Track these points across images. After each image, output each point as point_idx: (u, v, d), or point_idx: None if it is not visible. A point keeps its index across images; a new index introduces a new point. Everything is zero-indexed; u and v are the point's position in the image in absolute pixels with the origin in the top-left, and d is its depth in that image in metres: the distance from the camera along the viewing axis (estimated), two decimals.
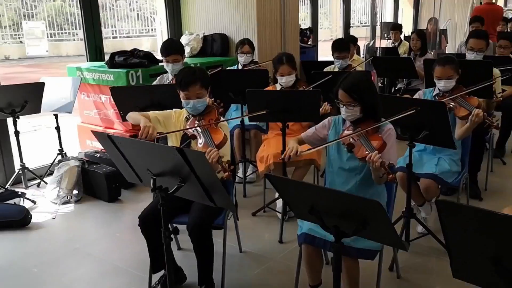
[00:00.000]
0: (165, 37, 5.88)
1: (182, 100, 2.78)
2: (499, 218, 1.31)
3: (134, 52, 4.72)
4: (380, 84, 6.64)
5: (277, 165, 3.72)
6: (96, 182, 4.30)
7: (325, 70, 4.98)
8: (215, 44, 5.65)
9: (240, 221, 3.74)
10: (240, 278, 3.07)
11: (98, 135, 2.30)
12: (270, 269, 3.16)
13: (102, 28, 5.34)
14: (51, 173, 4.55)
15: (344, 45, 4.79)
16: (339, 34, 12.53)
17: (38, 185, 4.64)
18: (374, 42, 9.72)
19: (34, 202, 4.22)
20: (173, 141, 2.89)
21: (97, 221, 4.01)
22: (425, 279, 2.98)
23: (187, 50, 5.56)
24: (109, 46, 4.63)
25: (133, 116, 2.84)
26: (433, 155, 3.47)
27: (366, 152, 2.39)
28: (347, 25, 8.98)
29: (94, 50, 5.19)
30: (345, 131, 2.61)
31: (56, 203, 4.20)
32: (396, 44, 7.83)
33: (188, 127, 2.78)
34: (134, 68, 4.54)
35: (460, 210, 1.40)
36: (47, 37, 15.21)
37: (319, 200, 1.94)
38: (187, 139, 2.80)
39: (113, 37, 16.76)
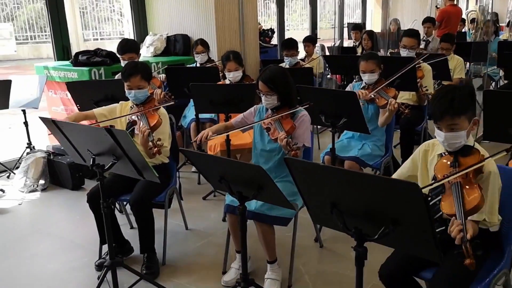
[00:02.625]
0: (132, 38, 6.24)
1: (125, 90, 3.15)
2: (331, 170, 1.71)
3: (97, 52, 5.08)
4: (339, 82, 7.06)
5: (223, 153, 4.10)
6: (61, 171, 4.66)
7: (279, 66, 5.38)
8: (177, 44, 6.03)
9: (192, 204, 4.14)
10: (181, 250, 3.45)
11: (44, 120, 2.66)
12: (210, 243, 3.54)
13: (83, 31, 5.70)
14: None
15: (292, 44, 5.20)
16: (324, 35, 13.09)
17: (8, 176, 4.99)
18: (340, 42, 10.18)
19: (2, 190, 4.56)
20: (119, 128, 3.26)
21: (60, 206, 4.36)
22: (345, 248, 3.36)
23: (151, 50, 5.94)
24: (90, 47, 4.90)
25: (74, 118, 3.21)
26: (359, 141, 3.87)
27: (277, 134, 2.79)
28: (314, 25, 9.40)
29: (61, 50, 5.54)
30: (266, 117, 3.01)
31: (23, 191, 4.55)
32: (357, 43, 8.26)
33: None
34: (96, 66, 4.91)
35: (302, 164, 1.80)
36: (29, 39, 15.45)
37: (226, 170, 2.32)
38: (131, 126, 3.18)
39: (94, 39, 17.07)
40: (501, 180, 2.20)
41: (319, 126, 5.64)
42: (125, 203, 3.73)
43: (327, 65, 6.44)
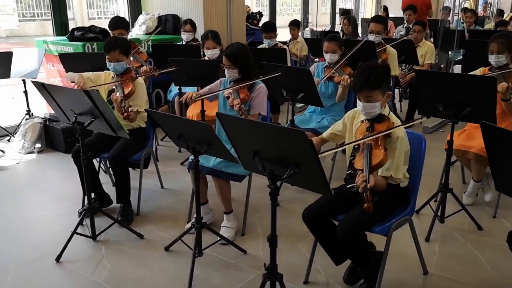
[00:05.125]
0: (126, 16, 6.69)
1: (106, 62, 3.61)
2: (249, 122, 2.17)
3: (91, 28, 5.54)
4: None
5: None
6: (55, 136, 5.15)
7: (258, 47, 5.82)
8: (168, 24, 6.46)
9: (170, 168, 4.64)
10: (155, 205, 3.95)
11: (35, 84, 3.14)
12: (181, 199, 4.02)
13: (88, 9, 6.15)
14: None
15: (271, 27, 5.63)
16: (320, 21, 13.47)
17: (9, 140, 5.49)
18: (332, 27, 10.57)
19: (2, 151, 5.07)
20: (102, 95, 3.73)
21: (53, 166, 4.87)
22: (298, 207, 3.82)
23: (143, 28, 6.37)
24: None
25: (70, 75, 3.68)
26: (320, 115, 4.33)
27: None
28: (305, 11, 9.79)
29: (60, 26, 5.99)
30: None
31: (21, 153, 5.05)
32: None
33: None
34: (90, 41, 5.37)
35: (228, 118, 2.26)
36: (36, 16, 15.90)
37: (182, 129, 2.78)
38: (110, 93, 3.65)
39: (98, 18, 17.50)
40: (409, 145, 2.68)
41: (299, 105, 6.07)
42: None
43: None
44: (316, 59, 7.44)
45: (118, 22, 4.73)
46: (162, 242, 3.30)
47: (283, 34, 8.86)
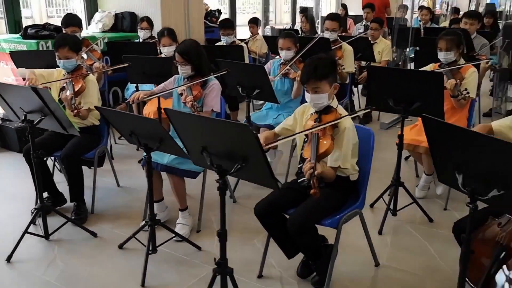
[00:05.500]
0: (82, 14, 6.58)
1: (56, 59, 3.55)
2: (196, 118, 2.17)
3: (46, 26, 5.41)
4: None
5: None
6: (9, 135, 5.03)
7: (216, 44, 5.82)
8: (124, 21, 6.38)
9: (128, 166, 4.59)
10: (110, 203, 3.91)
11: None
12: (137, 198, 3.98)
13: (47, 7, 5.99)
14: None
15: (228, 24, 5.64)
16: (282, 19, 13.61)
17: None
18: (292, 25, 10.65)
19: None
20: (54, 92, 3.66)
21: (7, 166, 4.74)
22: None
23: (99, 26, 6.27)
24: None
25: (21, 71, 3.60)
26: (276, 112, 4.36)
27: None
28: (266, 9, 9.84)
29: (13, 24, 5.84)
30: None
31: None
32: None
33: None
34: (44, 39, 5.25)
35: (176, 114, 2.26)
36: None
37: (133, 125, 2.75)
38: (61, 91, 3.59)
39: (58, 16, 17.06)
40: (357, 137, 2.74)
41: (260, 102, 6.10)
42: None
43: None
44: (277, 57, 7.50)
45: (70, 20, 4.65)
46: (116, 240, 3.27)
47: (244, 32, 8.90)
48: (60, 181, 3.95)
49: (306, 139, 2.67)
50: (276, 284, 2.86)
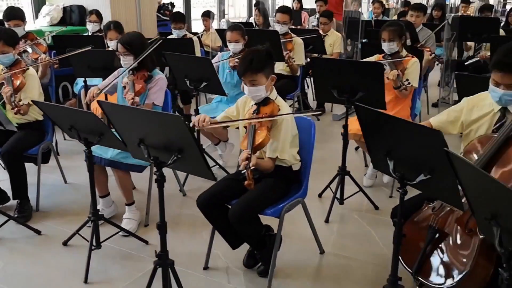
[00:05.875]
0: (30, 7, 6.39)
1: None
2: (129, 109, 2.16)
3: None
4: None
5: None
6: None
7: (167, 38, 5.76)
8: (73, 15, 6.24)
9: (77, 163, 4.48)
10: (56, 200, 3.83)
11: None
12: (85, 194, 3.86)
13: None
14: None
15: (179, 17, 5.59)
16: (242, 13, 13.55)
17: None
18: (248, 19, 10.66)
19: None
20: None
21: None
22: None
23: (46, 19, 6.11)
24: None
25: None
26: (226, 104, 4.35)
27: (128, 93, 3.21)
28: (221, 2, 9.80)
29: None
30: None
31: None
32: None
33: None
34: None
35: (109, 105, 2.23)
36: None
37: (72, 120, 2.70)
38: (1, 86, 3.48)
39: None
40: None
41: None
42: None
43: None
44: None
45: (12, 13, 4.51)
46: (60, 237, 3.21)
47: (199, 26, 8.84)
48: (5, 179, 3.83)
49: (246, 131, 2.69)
50: (222, 275, 2.88)
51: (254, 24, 7.25)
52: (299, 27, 8.99)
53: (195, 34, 6.31)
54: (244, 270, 2.92)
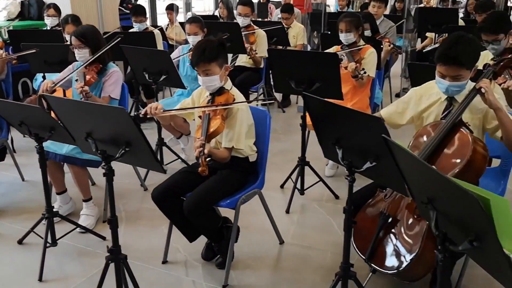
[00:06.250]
0: None
1: None
2: (73, 102, 2.12)
3: None
4: None
5: None
6: None
7: (129, 31, 5.69)
8: (31, 9, 6.10)
9: (35, 160, 4.37)
10: (11, 198, 3.76)
11: None
12: (41, 191, 3.81)
13: None
14: None
15: (140, 11, 5.52)
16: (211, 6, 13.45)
17: None
18: (214, 11, 10.58)
19: None
20: None
21: None
22: None
23: (4, 14, 5.95)
24: None
25: None
26: (187, 97, 4.31)
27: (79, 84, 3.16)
28: None
29: None
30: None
31: None
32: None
33: None
34: None
35: (54, 99, 2.19)
36: None
37: (22, 115, 2.64)
38: None
39: None
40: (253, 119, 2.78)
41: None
42: None
43: None
44: None
45: None
46: (16, 236, 3.14)
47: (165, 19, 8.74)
48: None
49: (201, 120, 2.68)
50: (180, 269, 2.87)
51: (219, 17, 7.20)
52: (266, 19, 9.01)
53: (156, 27, 6.22)
54: (203, 262, 2.91)
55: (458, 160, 2.20)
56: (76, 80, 3.25)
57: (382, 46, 4.74)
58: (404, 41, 6.45)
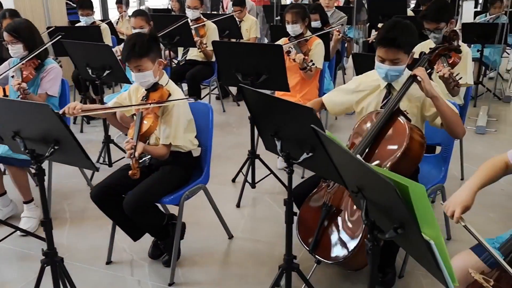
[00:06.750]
0: None
1: None
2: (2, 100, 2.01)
3: None
4: None
5: None
6: None
7: (75, 25, 5.53)
8: None
9: None
10: None
11: None
12: None
13: None
14: None
15: (87, 3, 5.36)
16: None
17: None
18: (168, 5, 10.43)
19: None
20: None
21: None
22: None
23: None
24: None
25: None
26: None
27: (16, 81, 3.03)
28: None
29: None
30: None
31: None
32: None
33: None
34: None
35: None
36: None
37: None
38: None
39: None
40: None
41: None
42: None
43: None
44: None
45: None
46: None
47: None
48: None
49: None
50: (125, 269, 2.79)
51: (171, 11, 7.09)
52: (221, 12, 8.94)
53: (103, 21, 6.05)
54: (150, 261, 2.85)
55: (396, 148, 2.21)
56: (12, 77, 3.11)
57: (331, 36, 4.76)
58: (355, 32, 6.50)
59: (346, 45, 6.09)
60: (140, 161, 2.38)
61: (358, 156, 1.96)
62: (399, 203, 1.21)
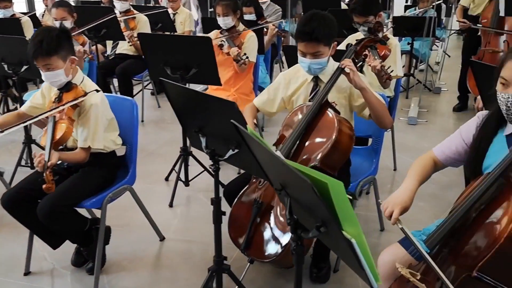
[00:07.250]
0: None
1: None
2: None
3: None
4: None
5: None
6: None
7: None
8: None
9: None
10: None
11: None
12: None
13: None
14: None
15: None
16: None
17: None
18: None
19: None
20: None
21: None
22: None
23: None
24: None
25: None
26: None
27: None
28: None
29: None
30: None
31: None
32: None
33: None
34: None
35: None
36: None
37: None
38: None
39: None
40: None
41: None
42: None
43: None
44: None
45: None
46: None
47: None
48: None
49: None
50: (45, 279, 2.59)
51: (100, 2, 6.77)
52: (157, 5, 8.68)
53: (27, 13, 5.69)
54: (72, 269, 2.66)
55: (325, 140, 2.16)
56: None
57: (266, 30, 4.69)
58: (291, 25, 6.48)
59: (282, 38, 6.05)
60: (57, 163, 2.18)
61: (278, 152, 1.89)
62: (317, 201, 1.14)
